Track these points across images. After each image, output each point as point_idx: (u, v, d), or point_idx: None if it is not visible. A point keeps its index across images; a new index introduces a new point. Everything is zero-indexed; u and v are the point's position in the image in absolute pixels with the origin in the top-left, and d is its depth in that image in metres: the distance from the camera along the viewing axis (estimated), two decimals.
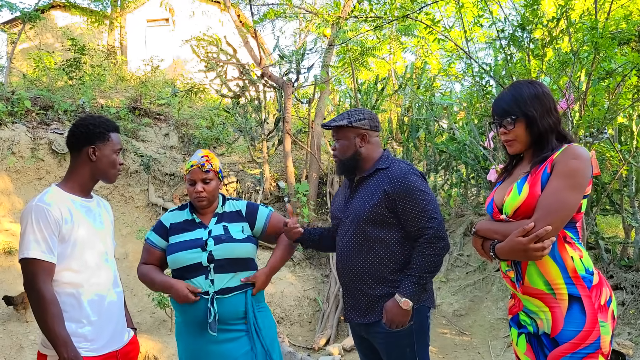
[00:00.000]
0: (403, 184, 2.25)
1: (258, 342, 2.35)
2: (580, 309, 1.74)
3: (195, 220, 2.47)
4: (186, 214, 2.50)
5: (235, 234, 2.43)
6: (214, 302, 2.31)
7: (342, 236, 2.41)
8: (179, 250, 2.38)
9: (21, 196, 6.58)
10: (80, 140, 2.16)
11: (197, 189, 2.40)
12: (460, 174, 6.64)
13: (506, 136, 1.94)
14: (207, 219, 2.48)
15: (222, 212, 2.51)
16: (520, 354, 1.93)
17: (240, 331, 2.36)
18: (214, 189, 2.44)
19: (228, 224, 2.46)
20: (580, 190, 1.77)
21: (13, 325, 5.02)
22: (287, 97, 7.10)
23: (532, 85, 1.92)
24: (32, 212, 2.00)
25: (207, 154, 2.47)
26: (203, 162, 2.41)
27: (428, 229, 2.22)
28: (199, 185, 2.40)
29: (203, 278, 2.33)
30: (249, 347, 2.34)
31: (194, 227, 2.45)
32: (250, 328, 2.36)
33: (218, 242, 2.37)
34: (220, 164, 2.54)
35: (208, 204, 2.45)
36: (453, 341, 4.95)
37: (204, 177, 2.40)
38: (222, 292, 2.33)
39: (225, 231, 2.42)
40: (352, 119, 2.37)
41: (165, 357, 4.88)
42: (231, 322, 2.35)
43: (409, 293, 2.20)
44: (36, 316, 1.95)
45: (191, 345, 2.39)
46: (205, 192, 2.40)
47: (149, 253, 2.53)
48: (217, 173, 2.46)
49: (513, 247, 1.77)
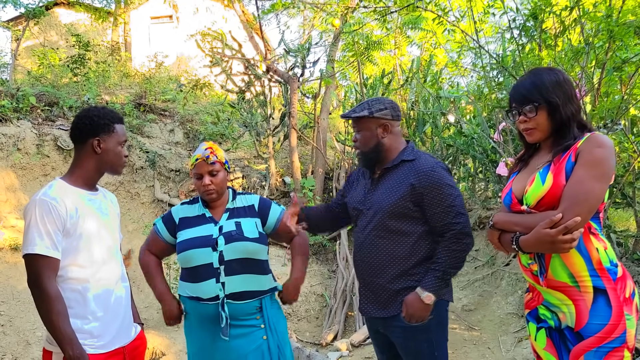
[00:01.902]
0: (431, 178, 2.19)
1: (272, 338, 2.31)
2: (606, 302, 1.69)
3: (205, 215, 2.41)
4: (197, 209, 2.45)
5: (248, 231, 2.36)
6: (224, 306, 2.26)
7: (362, 228, 2.33)
8: (189, 248, 2.32)
9: (27, 192, 6.56)
10: (84, 132, 2.11)
11: (204, 182, 2.35)
12: (468, 168, 6.58)
13: (526, 124, 1.87)
14: (218, 213, 2.42)
15: (233, 208, 2.44)
16: (539, 349, 1.87)
17: (252, 326, 2.32)
18: (222, 180, 2.39)
19: (240, 219, 2.40)
20: (606, 179, 1.71)
21: (20, 321, 5.00)
22: (292, 92, 7.05)
23: (552, 72, 1.86)
24: (36, 206, 1.95)
25: (210, 145, 2.42)
26: (207, 154, 2.36)
27: (455, 224, 2.18)
28: (206, 178, 2.35)
29: (213, 282, 2.27)
30: (260, 342, 2.30)
31: (204, 221, 2.39)
32: (265, 323, 2.32)
33: (229, 239, 2.31)
34: (225, 155, 2.49)
35: (217, 196, 2.40)
36: (462, 336, 4.90)
37: (210, 169, 2.35)
38: (233, 296, 2.28)
39: (237, 227, 2.35)
40: (374, 109, 2.29)
41: (172, 353, 4.85)
42: (242, 317, 2.31)
43: (432, 288, 2.16)
44: (40, 313, 1.91)
45: (201, 340, 2.35)
46: (214, 184, 2.35)
47: (154, 240, 2.50)
48: (223, 164, 2.41)
49: (540, 239, 1.71)
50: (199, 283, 2.29)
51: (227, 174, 2.47)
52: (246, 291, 2.30)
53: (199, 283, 2.29)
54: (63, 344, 1.89)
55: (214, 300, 2.27)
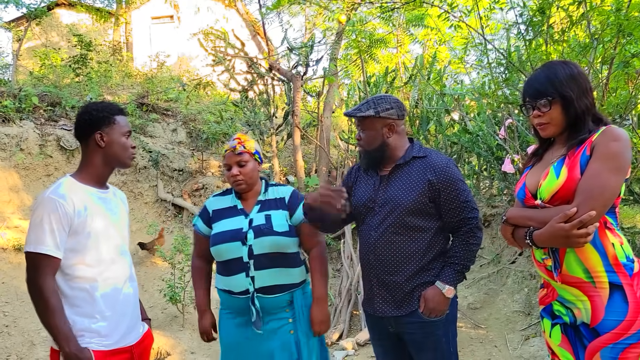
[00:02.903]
0: (447, 174, 2.19)
1: (300, 330, 2.31)
2: (622, 298, 1.66)
3: (237, 206, 2.40)
4: (230, 200, 2.45)
5: (277, 225, 2.33)
6: (254, 300, 2.27)
7: (375, 227, 2.27)
8: (220, 242, 2.33)
9: (30, 193, 6.55)
10: (86, 128, 2.09)
11: (233, 173, 2.34)
12: (472, 166, 6.55)
13: (540, 119, 1.84)
14: (250, 205, 2.40)
15: (265, 200, 2.41)
16: (554, 345, 1.84)
17: (281, 319, 2.33)
18: (251, 170, 2.36)
19: (271, 212, 2.37)
20: (622, 173, 1.69)
21: (24, 322, 4.99)
22: (295, 90, 7.03)
23: (566, 66, 1.83)
24: (43, 204, 1.94)
25: (239, 136, 2.41)
26: (235, 144, 2.36)
27: (471, 219, 2.20)
28: (234, 169, 2.34)
29: (243, 276, 2.28)
30: (287, 337, 2.31)
31: (235, 213, 2.38)
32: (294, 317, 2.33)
33: (258, 234, 2.29)
34: (256, 145, 2.46)
35: (247, 187, 2.37)
36: (469, 335, 4.87)
37: (238, 159, 2.34)
38: (263, 290, 2.28)
39: (267, 221, 2.33)
40: (380, 109, 2.25)
41: (177, 352, 4.83)
42: (274, 311, 2.31)
43: (452, 281, 2.17)
44: (37, 310, 1.90)
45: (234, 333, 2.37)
46: (242, 174, 2.34)
47: (198, 240, 2.52)
48: (253, 154, 2.38)
49: (554, 233, 1.68)
50: (230, 277, 2.31)
51: (259, 164, 2.44)
52: (276, 285, 2.30)
53: (230, 277, 2.31)
54: (59, 340, 1.88)
55: (244, 294, 2.28)
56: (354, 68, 8.44)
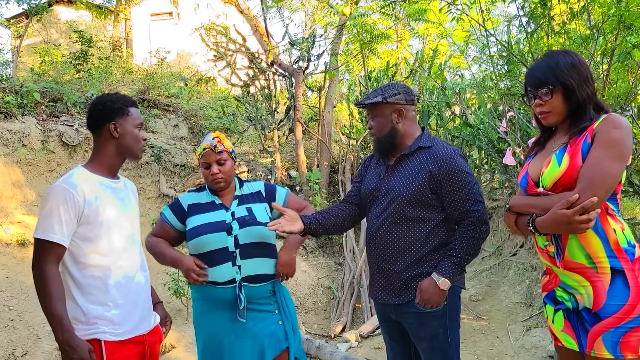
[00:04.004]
0: (449, 165, 2.18)
1: (287, 321, 2.34)
2: (624, 283, 1.69)
3: (215, 202, 2.43)
4: (205, 196, 2.47)
5: (260, 216, 2.40)
6: (241, 288, 2.28)
7: (377, 215, 2.32)
8: (204, 233, 2.33)
9: (33, 188, 6.58)
10: (99, 118, 2.11)
11: (213, 171, 2.37)
12: (473, 159, 6.58)
13: (542, 107, 1.87)
14: (228, 200, 2.44)
15: (242, 194, 2.48)
16: (557, 331, 1.87)
17: (267, 312, 2.34)
18: (230, 169, 2.41)
19: (251, 205, 2.43)
20: (623, 160, 1.72)
21: (29, 316, 5.02)
22: (297, 85, 7.05)
23: (568, 55, 1.85)
24: (55, 192, 1.96)
25: (217, 135, 2.44)
26: (215, 143, 2.38)
27: (473, 212, 2.18)
28: (214, 167, 2.38)
29: (229, 265, 2.29)
30: (275, 328, 2.33)
31: (214, 208, 2.41)
32: (279, 308, 2.35)
33: (242, 224, 2.34)
34: (231, 144, 2.50)
35: (226, 185, 2.42)
36: (471, 326, 4.91)
37: (218, 158, 2.38)
38: (249, 279, 2.30)
39: (249, 212, 2.38)
40: (387, 95, 2.28)
41: (182, 345, 4.87)
42: (257, 301, 2.33)
43: (448, 273, 2.15)
44: (38, 295, 1.93)
45: (214, 327, 2.34)
46: (222, 173, 2.38)
47: (161, 228, 2.50)
48: (230, 153, 2.43)
49: (556, 219, 1.71)
50: (215, 267, 2.30)
51: (234, 163, 2.49)
52: (261, 274, 2.33)
53: (214, 267, 2.30)
54: (54, 326, 1.89)
55: (230, 284, 2.29)
56: (355, 63, 8.46)
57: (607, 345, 1.69)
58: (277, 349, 2.32)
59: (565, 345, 1.84)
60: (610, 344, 1.69)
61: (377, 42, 7.14)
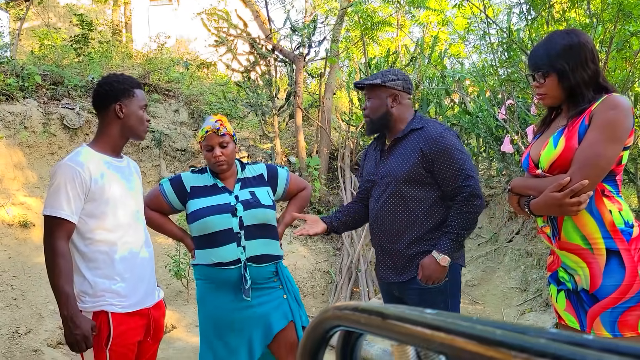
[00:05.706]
0: (439, 143, 2.26)
1: (290, 297, 2.40)
2: (619, 263, 1.71)
3: (218, 185, 2.45)
4: (207, 179, 2.47)
5: (263, 199, 2.44)
6: (247, 268, 2.33)
7: (377, 198, 2.42)
8: (208, 215, 2.34)
9: (34, 170, 6.62)
10: (105, 98, 2.16)
11: (215, 154, 2.37)
12: (472, 147, 6.64)
13: (538, 89, 1.89)
14: (230, 184, 2.46)
15: (244, 178, 2.50)
16: (560, 310, 1.90)
17: (271, 288, 2.40)
18: (232, 152, 2.42)
19: (254, 188, 2.46)
20: (618, 142, 1.71)
21: (32, 295, 5.09)
22: (298, 71, 7.07)
23: (567, 36, 1.83)
24: (62, 170, 2.02)
25: (219, 117, 2.45)
26: (218, 126, 2.39)
27: (465, 187, 2.24)
28: (217, 149, 2.38)
29: (234, 246, 2.32)
30: (280, 301, 2.39)
31: (218, 191, 2.43)
32: (283, 284, 2.41)
33: (247, 206, 2.37)
34: (232, 127, 2.53)
35: (228, 167, 2.43)
36: (466, 310, 5.00)
37: (220, 141, 2.38)
38: (254, 259, 2.35)
39: (253, 196, 2.42)
40: (386, 79, 2.36)
41: (183, 326, 4.96)
42: (261, 281, 2.38)
43: (447, 250, 2.23)
44: (47, 271, 1.99)
45: (218, 306, 2.38)
46: (224, 155, 2.38)
47: (156, 199, 2.50)
48: (232, 136, 2.45)
49: (548, 202, 1.74)
50: (219, 248, 2.33)
51: (235, 145, 2.51)
52: (264, 255, 2.38)
53: (218, 248, 2.33)
54: (60, 302, 1.95)
55: (235, 264, 2.33)
56: (356, 50, 8.47)
57: (606, 325, 1.71)
58: (282, 322, 2.38)
59: (569, 324, 1.86)
60: (608, 324, 1.70)
61: (378, 30, 7.16)
